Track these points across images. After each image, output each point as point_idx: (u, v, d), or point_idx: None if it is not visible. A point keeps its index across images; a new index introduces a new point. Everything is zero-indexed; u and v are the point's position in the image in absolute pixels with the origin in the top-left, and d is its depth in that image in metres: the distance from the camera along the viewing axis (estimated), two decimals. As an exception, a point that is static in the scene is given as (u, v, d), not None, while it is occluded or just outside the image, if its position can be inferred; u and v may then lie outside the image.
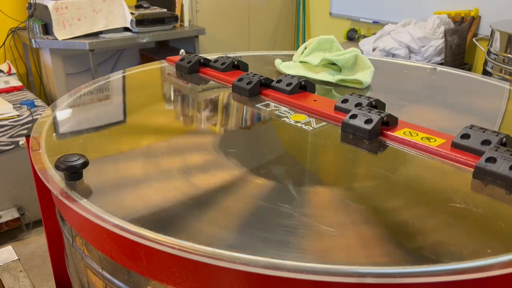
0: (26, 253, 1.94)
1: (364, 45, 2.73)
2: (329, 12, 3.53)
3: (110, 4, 2.52)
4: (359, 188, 0.53)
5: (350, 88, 0.90)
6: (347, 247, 0.42)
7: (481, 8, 2.60)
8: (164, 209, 0.49)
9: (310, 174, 0.58)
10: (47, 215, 0.75)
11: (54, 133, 0.69)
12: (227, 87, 0.88)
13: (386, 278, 0.38)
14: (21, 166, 1.98)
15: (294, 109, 0.76)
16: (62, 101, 0.82)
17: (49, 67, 2.61)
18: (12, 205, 2.02)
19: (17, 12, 2.68)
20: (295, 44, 3.87)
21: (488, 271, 0.39)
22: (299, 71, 0.97)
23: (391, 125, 0.66)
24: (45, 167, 0.56)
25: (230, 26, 3.42)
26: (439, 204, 0.49)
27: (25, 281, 0.80)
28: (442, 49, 2.48)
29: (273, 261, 0.39)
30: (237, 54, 1.14)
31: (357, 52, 0.95)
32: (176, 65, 1.00)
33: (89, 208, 0.48)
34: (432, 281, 0.38)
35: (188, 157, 0.62)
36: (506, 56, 2.01)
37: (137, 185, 0.54)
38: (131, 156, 0.63)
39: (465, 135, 0.59)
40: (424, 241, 0.43)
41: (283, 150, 0.67)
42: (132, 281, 0.51)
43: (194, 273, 0.44)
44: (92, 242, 0.54)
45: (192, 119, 0.78)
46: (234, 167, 0.58)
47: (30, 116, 1.99)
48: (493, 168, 0.52)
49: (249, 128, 0.74)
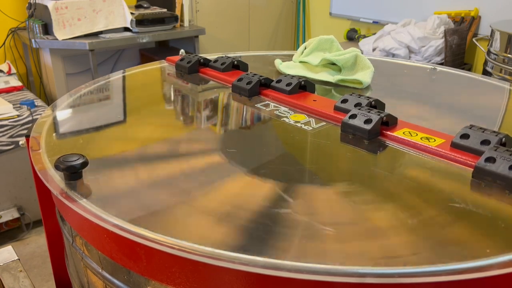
0: (26, 253, 1.94)
1: (364, 45, 2.73)
2: (329, 12, 3.53)
3: (110, 4, 2.52)
4: (359, 188, 0.53)
5: (350, 88, 0.90)
6: (347, 247, 0.42)
7: (481, 8, 2.60)
8: (164, 209, 0.49)
9: (310, 174, 0.58)
10: (47, 215, 0.75)
11: (54, 133, 0.69)
12: (227, 87, 0.88)
13: (386, 278, 0.38)
14: (21, 166, 1.98)
15: (293, 109, 0.76)
16: (62, 101, 0.82)
17: (49, 67, 2.61)
18: (12, 205, 2.02)
19: (17, 12, 2.68)
20: (295, 44, 3.87)
21: (488, 271, 0.39)
22: (299, 71, 0.97)
23: (391, 125, 0.66)
24: (45, 167, 0.56)
25: (230, 26, 3.42)
26: (439, 204, 0.49)
27: (25, 281, 0.80)
28: (442, 49, 2.48)
29: (273, 261, 0.39)
30: (237, 54, 1.14)
31: (357, 52, 0.95)
32: (176, 65, 1.00)
33: (89, 208, 0.48)
34: (432, 281, 0.38)
35: (188, 157, 0.62)
36: (506, 56, 2.01)
37: (137, 185, 0.54)
38: (131, 156, 0.63)
39: (465, 135, 0.59)
40: (424, 241, 0.43)
41: (282, 150, 0.67)
42: (132, 281, 0.51)
43: (194, 273, 0.44)
44: (92, 242, 0.54)
45: (192, 119, 0.78)
46: (234, 167, 0.58)
47: (30, 116, 1.99)
48: (492, 168, 0.52)
49: (248, 128, 0.74)
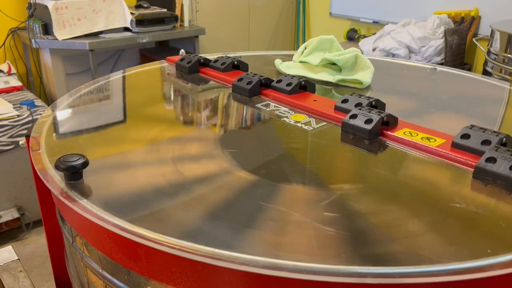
0: (26, 253, 1.94)
1: (364, 45, 2.73)
2: (329, 12, 3.53)
3: (110, 4, 2.52)
4: (359, 188, 0.53)
5: (350, 88, 0.90)
6: (347, 247, 0.42)
7: (481, 8, 2.60)
8: (164, 209, 0.49)
9: (310, 174, 0.58)
10: (47, 215, 0.75)
11: (54, 133, 0.69)
12: (227, 87, 0.88)
13: (386, 278, 0.38)
14: (21, 166, 1.98)
15: (294, 109, 0.76)
16: (62, 101, 0.82)
17: (49, 67, 2.61)
18: (12, 205, 2.02)
19: (17, 12, 2.68)
20: (295, 44, 3.87)
21: (488, 271, 0.39)
22: (299, 71, 0.97)
23: (391, 125, 0.66)
24: (45, 167, 0.56)
25: (230, 26, 3.41)
26: (439, 204, 0.49)
27: (25, 281, 0.80)
28: (442, 49, 2.48)
29: (273, 261, 0.39)
30: (237, 54, 1.14)
31: (357, 52, 0.95)
32: (176, 65, 0.99)
33: (89, 208, 0.48)
34: (432, 281, 0.38)
35: (188, 157, 0.62)
36: (506, 56, 2.01)
37: (137, 185, 0.54)
38: (131, 156, 0.63)
39: (465, 135, 0.59)
40: (424, 241, 0.43)
41: (283, 150, 0.67)
42: (132, 281, 0.51)
43: (194, 273, 0.44)
44: (92, 242, 0.54)
45: (192, 119, 0.78)
46: (234, 167, 0.58)
47: (30, 116, 1.99)
48: (493, 168, 0.52)
49: (249, 128, 0.74)
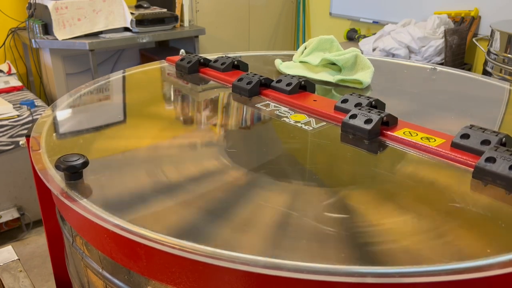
0: (26, 253, 1.94)
1: (364, 45, 2.73)
2: (329, 12, 3.53)
3: (110, 4, 2.52)
4: (359, 188, 0.53)
5: (350, 88, 0.90)
6: (347, 247, 0.42)
7: (481, 8, 2.60)
8: (164, 209, 0.49)
9: (310, 174, 0.58)
10: (47, 215, 0.75)
11: (54, 133, 0.69)
12: (227, 87, 0.88)
13: (386, 278, 0.38)
14: (21, 166, 1.98)
15: (294, 109, 0.76)
16: (62, 101, 0.82)
17: (49, 67, 2.61)
18: (12, 205, 2.02)
19: (17, 12, 2.68)
20: (295, 44, 3.87)
21: (488, 271, 0.39)
22: (299, 71, 0.97)
23: (391, 125, 0.66)
24: (45, 167, 0.56)
25: (230, 26, 3.41)
26: (439, 204, 0.49)
27: (25, 281, 0.80)
28: (442, 49, 2.48)
29: (273, 261, 0.39)
30: (237, 54, 1.14)
31: (357, 52, 0.95)
32: (176, 65, 1.00)
33: (89, 208, 0.48)
34: (432, 281, 0.38)
35: (188, 157, 0.62)
36: (506, 56, 2.01)
37: (137, 185, 0.54)
38: (131, 156, 0.63)
39: (465, 135, 0.59)
40: (424, 241, 0.43)
41: (283, 150, 0.67)
42: (132, 281, 0.51)
43: (194, 273, 0.44)
44: (92, 242, 0.54)
45: (192, 119, 0.78)
46: (234, 167, 0.58)
47: (30, 116, 1.99)
48: (492, 168, 0.52)
49: (249, 128, 0.74)
